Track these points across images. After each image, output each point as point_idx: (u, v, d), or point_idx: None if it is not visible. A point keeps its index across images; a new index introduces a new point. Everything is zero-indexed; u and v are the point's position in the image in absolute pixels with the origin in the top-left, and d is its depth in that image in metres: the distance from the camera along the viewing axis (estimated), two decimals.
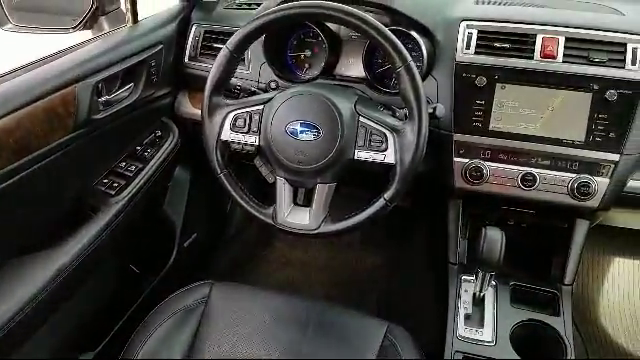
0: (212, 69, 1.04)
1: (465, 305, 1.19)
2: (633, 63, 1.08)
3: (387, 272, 1.84)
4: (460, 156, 1.20)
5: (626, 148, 1.10)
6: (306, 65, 1.36)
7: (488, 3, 1.28)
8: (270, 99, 1.05)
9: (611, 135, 1.10)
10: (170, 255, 1.56)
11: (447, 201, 1.32)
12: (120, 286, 1.47)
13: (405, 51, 0.96)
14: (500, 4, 1.27)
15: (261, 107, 1.05)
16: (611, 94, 1.08)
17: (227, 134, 1.06)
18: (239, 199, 1.07)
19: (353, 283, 1.83)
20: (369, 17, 0.96)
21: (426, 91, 1.18)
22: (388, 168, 1.00)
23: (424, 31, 1.21)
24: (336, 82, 1.30)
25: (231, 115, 1.06)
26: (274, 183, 1.07)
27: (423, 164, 1.25)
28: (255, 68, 1.33)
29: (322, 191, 1.03)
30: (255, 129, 1.05)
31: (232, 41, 1.03)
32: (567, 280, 1.24)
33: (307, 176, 1.03)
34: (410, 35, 1.20)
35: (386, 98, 1.22)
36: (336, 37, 1.32)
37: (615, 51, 1.10)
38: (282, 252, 1.93)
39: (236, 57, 1.04)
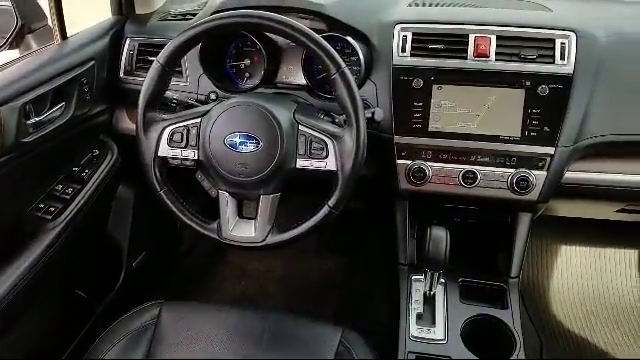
0: (144, 84, 1.01)
1: (416, 305, 1.20)
2: (562, 58, 1.12)
3: (344, 276, 1.84)
4: (402, 158, 1.21)
5: (560, 141, 1.13)
6: (246, 74, 1.35)
7: (422, 5, 1.30)
8: (207, 111, 1.03)
9: (545, 129, 1.13)
10: (118, 276, 1.51)
11: (394, 202, 1.33)
12: (66, 313, 1.40)
13: (339, 57, 0.96)
14: (433, 5, 1.29)
15: (198, 120, 1.03)
16: (543, 89, 1.12)
17: (164, 150, 1.03)
18: (181, 216, 1.04)
19: (311, 290, 1.82)
20: (300, 25, 0.96)
21: (365, 95, 1.21)
22: (331, 175, 1.00)
23: (360, 36, 1.22)
24: (277, 90, 1.30)
25: (167, 130, 1.03)
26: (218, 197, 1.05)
27: (367, 168, 1.25)
28: (193, 80, 1.31)
29: (266, 202, 1.02)
30: (193, 143, 1.02)
31: (163, 54, 1.00)
32: (513, 273, 1.27)
33: (250, 188, 1.01)
34: (347, 40, 1.21)
35: (327, 104, 1.22)
36: (275, 45, 1.31)
37: (544, 47, 1.13)
38: (237, 265, 1.90)
39: (168, 70, 1.01)
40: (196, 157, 1.03)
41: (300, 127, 1.00)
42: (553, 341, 1.62)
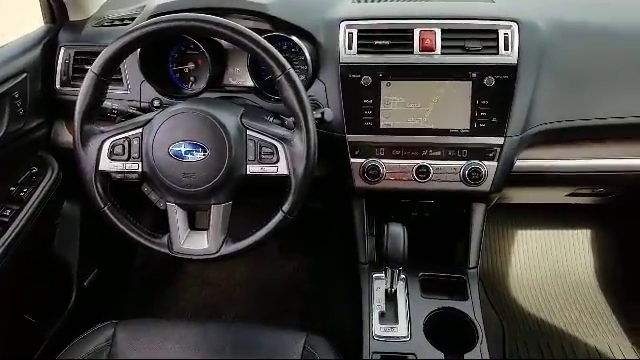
0: (79, 96, 0.96)
1: (379, 303, 1.19)
2: (506, 48, 1.13)
3: (307, 277, 1.83)
4: (356, 156, 1.20)
5: (509, 131, 1.14)
6: (191, 78, 1.30)
7: (366, 1, 1.28)
8: (149, 121, 0.99)
9: (494, 120, 1.14)
10: (69, 297, 1.44)
11: (350, 201, 1.32)
12: (15, 340, 1.33)
13: (283, 59, 0.94)
14: (378, 1, 1.28)
15: (139, 130, 0.98)
16: (489, 80, 1.13)
17: (105, 164, 0.98)
18: (128, 232, 1.00)
19: (274, 294, 1.79)
20: (241, 27, 0.93)
21: (315, 95, 1.19)
22: (283, 180, 0.98)
23: (305, 35, 1.19)
24: (225, 93, 1.26)
25: (107, 143, 0.98)
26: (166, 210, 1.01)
27: (321, 168, 1.23)
28: (135, 87, 1.25)
29: (217, 212, 0.98)
30: (136, 155, 0.98)
31: (97, 63, 0.95)
32: (472, 263, 1.28)
33: (199, 198, 0.98)
34: (292, 40, 1.18)
35: (277, 106, 1.19)
36: (219, 47, 1.27)
37: (488, 38, 1.14)
38: (197, 274, 1.85)
39: (104, 80, 0.96)
40: (140, 169, 0.98)
41: (248, 132, 0.97)
42: (515, 326, 1.66)
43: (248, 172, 0.97)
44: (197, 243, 1.00)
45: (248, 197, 1.05)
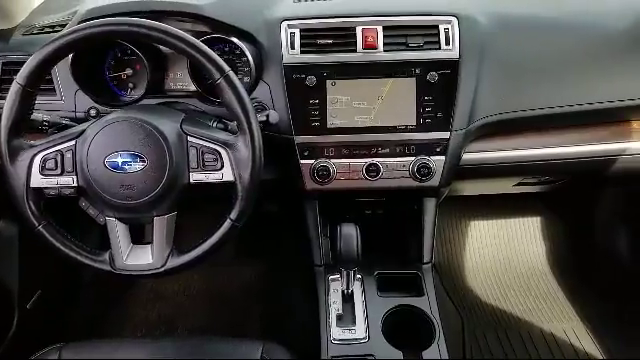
0: (4, 109, 0.90)
1: (336, 306, 1.17)
2: (447, 43, 1.13)
3: (264, 283, 1.79)
4: (305, 158, 1.18)
5: (454, 125, 1.15)
6: (130, 85, 1.25)
7: (307, 0, 1.27)
8: (82, 132, 0.93)
9: (439, 115, 1.15)
10: (11, 322, 1.36)
11: (303, 203, 1.30)
12: None
13: (221, 61, 0.90)
14: (319, 0, 1.26)
15: (72, 143, 0.93)
16: (432, 76, 1.13)
17: (37, 180, 0.92)
18: (66, 251, 0.94)
19: (232, 302, 1.75)
20: (175, 30, 0.89)
21: (260, 97, 1.16)
22: (230, 186, 0.94)
23: (246, 35, 1.16)
24: (166, 99, 1.21)
25: (38, 157, 0.92)
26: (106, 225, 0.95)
27: (270, 171, 1.21)
28: (69, 97, 1.19)
29: (161, 224, 0.94)
30: (70, 169, 0.92)
31: (22, 74, 0.89)
32: (426, 258, 1.28)
33: (141, 211, 0.93)
34: (232, 41, 1.15)
35: (221, 110, 1.15)
36: (157, 51, 1.22)
37: (429, 34, 1.14)
38: (149, 287, 1.79)
39: (31, 91, 0.91)
40: (75, 184, 0.93)
41: (189, 138, 0.93)
42: (473, 317, 1.68)
43: (191, 180, 0.93)
44: (141, 258, 0.95)
45: (195, 206, 1.01)
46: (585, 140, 1.25)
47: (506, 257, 1.91)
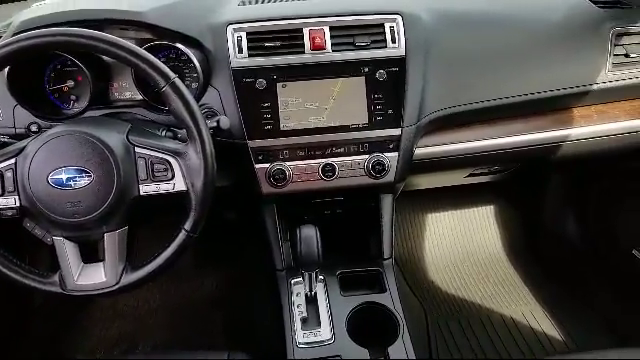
0: None
1: (300, 309, 1.17)
2: (393, 41, 1.15)
3: (227, 291, 1.76)
4: (260, 162, 1.16)
5: (405, 121, 1.16)
6: (72, 97, 1.20)
7: (253, 3, 1.25)
8: (22, 149, 0.89)
9: (390, 112, 1.16)
10: None
11: (261, 208, 1.29)
12: None
13: (166, 68, 0.88)
14: (264, 2, 1.25)
15: (12, 161, 0.88)
16: (381, 74, 1.14)
17: None
18: (11, 275, 0.89)
19: (195, 314, 1.71)
20: (114, 38, 0.86)
21: (210, 103, 1.14)
22: (182, 196, 0.92)
23: (191, 41, 1.14)
24: (112, 110, 1.17)
25: None
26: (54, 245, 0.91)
27: (225, 178, 1.20)
28: (7, 112, 1.13)
29: (112, 240, 0.91)
30: (11, 189, 0.88)
31: None
32: (386, 254, 1.30)
33: (89, 228, 0.90)
34: (178, 48, 1.12)
35: (169, 118, 1.13)
36: (99, 61, 1.18)
37: (375, 33, 1.15)
38: (107, 304, 1.72)
39: None
40: (18, 204, 0.88)
41: (137, 149, 0.91)
42: (435, 308, 1.71)
43: (141, 192, 0.90)
44: (93, 277, 0.92)
45: (149, 218, 0.98)
46: (530, 129, 1.30)
47: (463, 247, 1.96)
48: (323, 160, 1.18)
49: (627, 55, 1.28)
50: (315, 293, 1.18)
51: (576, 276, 1.81)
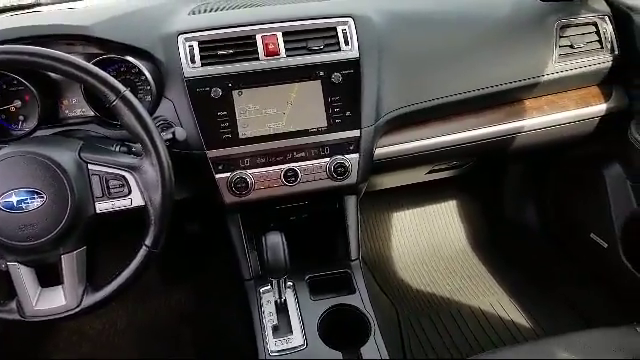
0: None
1: (270, 317, 1.16)
2: (346, 44, 1.16)
3: (196, 305, 1.73)
4: (220, 171, 1.15)
5: (363, 122, 1.17)
6: (20, 117, 1.15)
7: (204, 12, 1.24)
8: None
9: (348, 114, 1.17)
10: None
11: (225, 218, 1.27)
12: None
13: (115, 82, 0.86)
14: (215, 10, 1.24)
15: None
16: (336, 77, 1.15)
17: None
18: None
19: (164, 331, 1.67)
20: (59, 53, 0.84)
21: (164, 114, 1.12)
22: (141, 212, 0.90)
23: (142, 53, 1.12)
24: (63, 128, 1.14)
25: None
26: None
27: (186, 190, 1.18)
28: None
29: (70, 261, 0.88)
30: None
31: None
32: (353, 256, 1.30)
33: (45, 250, 0.87)
34: (128, 61, 1.10)
35: (123, 133, 1.10)
36: (46, 79, 1.14)
37: (328, 36, 1.16)
38: (72, 328, 1.66)
39: None
40: None
41: (90, 166, 0.88)
42: (406, 305, 1.73)
43: (97, 210, 0.88)
44: (53, 301, 0.89)
45: (110, 236, 0.95)
46: (484, 123, 1.33)
47: (430, 243, 1.99)
48: (285, 166, 1.17)
49: (572, 46, 1.33)
50: (285, 300, 1.17)
51: (539, 263, 1.87)
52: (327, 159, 1.18)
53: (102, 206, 0.88)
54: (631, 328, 0.99)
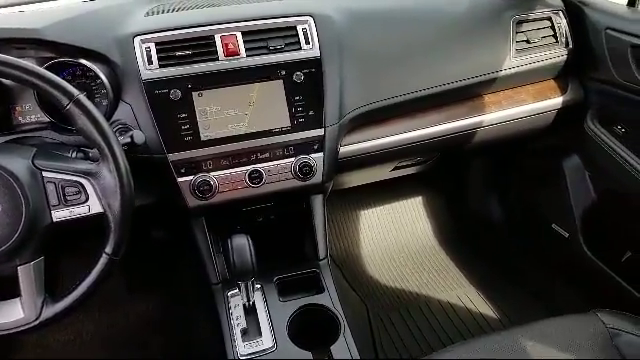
0: None
1: (239, 321, 1.14)
2: (307, 43, 1.16)
3: (165, 313, 1.70)
4: (183, 175, 1.12)
5: (326, 121, 1.17)
6: None
7: (161, 13, 1.22)
8: None
9: (311, 113, 1.16)
10: None
11: (189, 223, 1.25)
12: None
13: (68, 86, 0.84)
14: (173, 11, 1.22)
15: None
16: (298, 76, 1.14)
17: None
18: None
19: (132, 340, 1.63)
20: (9, 58, 0.81)
21: (122, 118, 1.09)
22: (100, 218, 0.87)
23: (97, 56, 1.08)
24: (17, 135, 1.09)
25: None
26: None
27: (148, 195, 1.15)
28: None
29: (27, 273, 0.85)
30: None
31: None
32: (321, 255, 1.30)
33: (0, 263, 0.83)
34: (82, 64, 1.07)
35: (80, 138, 1.07)
36: None
37: (288, 35, 1.15)
38: (34, 342, 1.60)
39: None
40: None
41: (44, 174, 0.85)
42: (376, 302, 1.74)
43: (54, 219, 0.85)
44: (10, 314, 0.85)
45: (70, 245, 0.92)
46: (446, 118, 1.35)
47: (397, 239, 2.01)
48: (249, 167, 1.16)
49: (528, 41, 1.37)
50: (253, 302, 1.16)
51: (503, 254, 1.91)
52: (292, 159, 1.18)
53: (59, 214, 0.85)
54: (592, 314, 1.02)
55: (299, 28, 1.16)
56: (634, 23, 1.28)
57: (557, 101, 1.46)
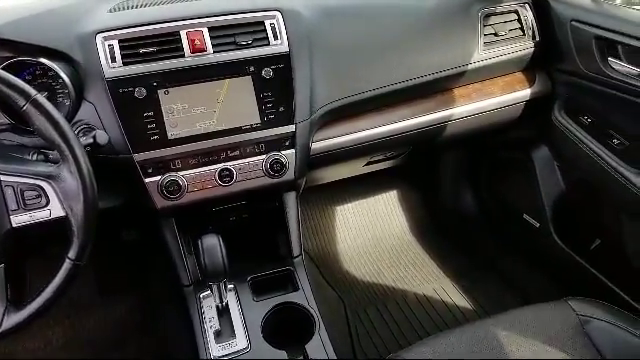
0: None
1: (212, 322, 1.12)
2: (275, 38, 1.14)
3: (138, 316, 1.66)
4: (150, 175, 1.09)
5: (297, 117, 1.15)
6: None
7: (124, 9, 1.18)
8: None
9: (281, 109, 1.14)
10: None
11: (159, 224, 1.22)
12: None
13: (25, 86, 0.80)
14: (137, 7, 1.19)
15: None
16: (267, 72, 1.12)
17: None
18: None
19: (104, 345, 1.59)
20: None
21: (85, 118, 1.06)
22: (62, 222, 0.84)
23: (57, 54, 1.05)
24: None
25: None
26: None
27: (115, 197, 1.12)
28: None
29: None
30: None
31: None
32: (295, 252, 1.28)
33: None
34: (42, 63, 1.03)
35: (41, 140, 1.03)
36: None
37: (256, 30, 1.13)
38: (2, 349, 1.55)
39: None
40: None
41: (1, 177, 0.82)
42: (353, 298, 1.74)
43: (14, 225, 0.82)
44: None
45: (33, 251, 0.89)
46: (417, 112, 1.35)
47: (373, 234, 2.01)
48: (219, 165, 1.14)
49: (496, 34, 1.38)
50: (227, 303, 1.14)
51: (477, 245, 1.93)
52: (263, 156, 1.16)
53: (19, 219, 0.82)
54: (563, 302, 1.03)
55: (267, 23, 1.14)
56: (598, 15, 1.30)
57: (525, 93, 1.47)
